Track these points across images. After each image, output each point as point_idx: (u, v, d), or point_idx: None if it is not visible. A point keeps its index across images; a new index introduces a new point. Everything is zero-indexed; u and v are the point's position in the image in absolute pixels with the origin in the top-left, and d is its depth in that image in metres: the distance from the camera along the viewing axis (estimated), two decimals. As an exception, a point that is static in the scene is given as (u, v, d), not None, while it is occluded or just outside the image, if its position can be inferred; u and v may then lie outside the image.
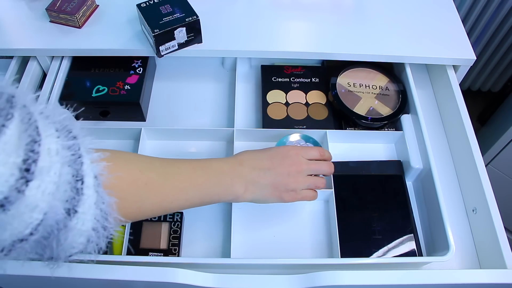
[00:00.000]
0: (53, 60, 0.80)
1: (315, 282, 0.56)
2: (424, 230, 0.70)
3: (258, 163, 0.60)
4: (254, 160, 0.60)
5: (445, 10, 0.86)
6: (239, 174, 0.58)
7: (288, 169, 0.60)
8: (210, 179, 0.56)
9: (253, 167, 0.59)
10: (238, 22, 0.81)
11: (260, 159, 0.60)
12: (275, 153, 0.62)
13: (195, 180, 0.55)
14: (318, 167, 0.63)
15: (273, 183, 0.60)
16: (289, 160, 0.61)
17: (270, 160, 0.60)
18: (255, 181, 0.59)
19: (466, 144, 0.71)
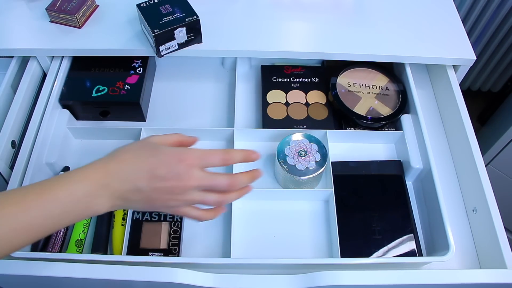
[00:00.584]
0: (53, 60, 0.80)
1: (315, 282, 0.56)
2: (424, 230, 0.70)
3: (133, 179, 0.48)
4: (129, 172, 0.48)
5: (445, 10, 0.86)
6: (104, 189, 0.47)
7: (171, 187, 0.48)
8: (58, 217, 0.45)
9: (125, 182, 0.47)
10: (238, 22, 0.81)
11: (138, 173, 0.48)
12: (160, 164, 0.48)
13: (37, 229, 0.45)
14: (212, 183, 0.50)
15: (148, 199, 0.49)
16: (175, 176, 0.48)
17: (150, 175, 0.48)
18: (124, 197, 0.48)
19: (466, 144, 0.71)
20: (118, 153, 0.49)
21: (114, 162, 0.48)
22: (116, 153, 0.49)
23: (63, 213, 0.46)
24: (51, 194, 0.45)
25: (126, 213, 0.67)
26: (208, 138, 0.77)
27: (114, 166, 0.48)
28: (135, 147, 0.50)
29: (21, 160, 0.68)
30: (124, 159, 0.48)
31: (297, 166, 0.68)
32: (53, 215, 0.45)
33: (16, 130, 0.73)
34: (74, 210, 0.46)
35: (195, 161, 0.49)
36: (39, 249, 0.64)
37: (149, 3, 0.73)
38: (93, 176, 0.47)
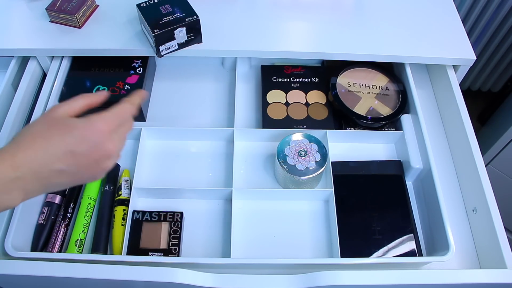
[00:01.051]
0: (53, 60, 0.80)
1: (315, 282, 0.56)
2: (424, 230, 0.70)
3: (50, 163, 0.44)
4: (45, 159, 0.44)
5: (445, 10, 0.86)
6: (13, 184, 0.42)
7: (97, 158, 0.46)
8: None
9: (40, 170, 0.43)
10: (238, 22, 0.81)
11: (56, 155, 0.44)
12: (78, 142, 0.45)
13: None
14: (126, 130, 0.51)
15: (72, 176, 0.46)
16: (97, 147, 0.46)
17: (70, 154, 0.44)
18: (42, 185, 0.45)
19: (466, 144, 0.71)
20: (25, 138, 0.44)
21: (22, 152, 0.43)
22: (21, 138, 0.44)
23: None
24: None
25: (126, 213, 0.67)
26: (208, 138, 0.77)
27: (23, 157, 0.43)
28: (43, 128, 0.45)
29: (21, 160, 0.68)
30: (34, 147, 0.43)
31: (297, 166, 0.68)
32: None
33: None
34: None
35: (110, 126, 0.47)
36: (39, 249, 0.64)
37: (149, 3, 0.73)
38: (1, 170, 0.42)
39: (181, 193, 0.70)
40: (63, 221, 0.66)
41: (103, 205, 0.69)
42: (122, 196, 0.68)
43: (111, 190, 0.70)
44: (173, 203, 0.71)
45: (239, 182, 0.72)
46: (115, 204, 0.68)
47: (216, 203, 0.71)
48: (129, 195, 0.68)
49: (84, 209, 0.67)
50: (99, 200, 0.70)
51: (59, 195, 0.68)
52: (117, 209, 0.67)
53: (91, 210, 0.68)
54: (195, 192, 0.70)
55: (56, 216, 0.67)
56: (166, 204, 0.70)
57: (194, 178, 0.73)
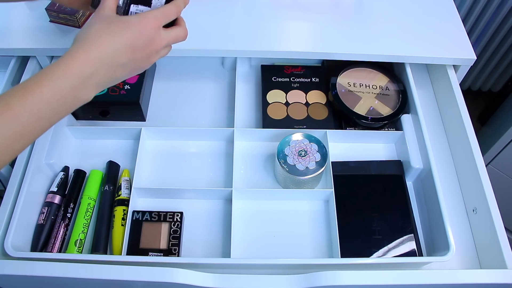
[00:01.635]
0: (53, 59, 0.80)
1: (315, 282, 0.56)
2: (424, 230, 0.70)
3: (117, 57, 0.49)
4: (113, 53, 0.48)
5: (445, 10, 0.86)
6: (90, 79, 0.47)
7: (150, 52, 0.52)
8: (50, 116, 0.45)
9: (111, 64, 0.48)
10: (238, 22, 0.81)
11: (121, 51, 0.49)
12: (136, 36, 0.49)
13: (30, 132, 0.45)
14: (175, 37, 0.55)
15: (130, 70, 0.52)
16: (150, 41, 0.51)
17: (131, 49, 0.49)
18: (110, 78, 0.50)
19: (466, 144, 0.71)
20: (92, 36, 0.48)
21: (93, 48, 0.47)
22: (89, 37, 0.48)
23: (53, 111, 0.45)
24: (36, 95, 0.44)
25: (126, 213, 0.67)
26: (208, 138, 0.77)
27: (95, 52, 0.47)
28: (104, 26, 0.49)
29: (21, 159, 0.68)
30: (103, 43, 0.48)
31: (297, 166, 0.68)
32: (43, 116, 0.45)
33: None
34: (62, 106, 0.46)
35: (159, 22, 0.52)
36: (39, 249, 0.64)
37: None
38: (76, 68, 0.46)
39: (181, 193, 0.70)
40: (63, 221, 0.66)
41: (103, 205, 0.68)
42: (122, 196, 0.68)
43: (111, 190, 0.70)
44: (173, 203, 0.70)
45: (239, 182, 0.72)
46: (115, 204, 0.68)
47: (216, 203, 0.71)
48: (129, 195, 0.68)
49: (84, 209, 0.67)
50: (99, 200, 0.70)
51: (58, 195, 0.68)
52: (117, 209, 0.67)
53: (91, 210, 0.68)
54: (195, 192, 0.70)
55: (56, 216, 0.67)
56: (166, 204, 0.70)
57: (194, 178, 0.73)
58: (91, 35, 0.48)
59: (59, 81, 0.45)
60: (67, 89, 0.45)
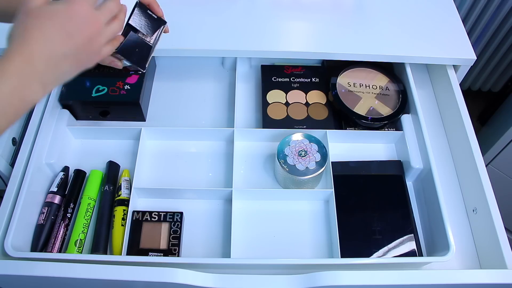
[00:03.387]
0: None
1: (315, 282, 0.56)
2: (424, 230, 0.70)
3: (54, 49, 0.46)
4: (48, 45, 0.46)
5: (445, 10, 0.86)
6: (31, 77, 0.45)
7: (89, 34, 0.49)
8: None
9: (49, 57, 0.46)
10: (238, 22, 0.81)
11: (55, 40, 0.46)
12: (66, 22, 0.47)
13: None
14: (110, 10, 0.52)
15: (75, 61, 0.49)
16: (84, 23, 0.49)
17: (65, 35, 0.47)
18: (55, 73, 0.48)
19: (466, 144, 0.71)
20: (21, 35, 0.46)
21: (27, 45, 0.45)
22: (18, 36, 0.46)
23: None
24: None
25: (126, 213, 0.67)
26: (208, 138, 0.77)
27: (29, 49, 0.45)
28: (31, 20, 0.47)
29: (21, 159, 0.68)
30: (35, 38, 0.46)
31: (297, 166, 0.68)
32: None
33: (17, 128, 0.73)
34: (9, 109, 0.44)
35: (88, 2, 0.49)
36: (39, 249, 0.64)
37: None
38: (15, 67, 0.44)
39: (181, 193, 0.70)
40: (63, 221, 0.66)
41: (103, 205, 0.68)
42: (122, 196, 0.68)
43: (111, 190, 0.70)
44: (173, 203, 0.70)
45: (239, 182, 0.72)
46: (115, 204, 0.68)
47: (216, 203, 0.71)
48: (129, 195, 0.68)
49: (84, 209, 0.67)
50: (99, 200, 0.70)
51: (58, 195, 0.68)
52: (117, 209, 0.67)
53: (91, 210, 0.68)
54: (195, 192, 0.70)
55: (56, 216, 0.67)
56: (166, 204, 0.70)
57: (194, 178, 0.73)
58: (21, 33, 0.46)
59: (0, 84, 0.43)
60: (8, 90, 0.43)
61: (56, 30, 0.47)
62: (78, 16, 0.48)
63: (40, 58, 0.45)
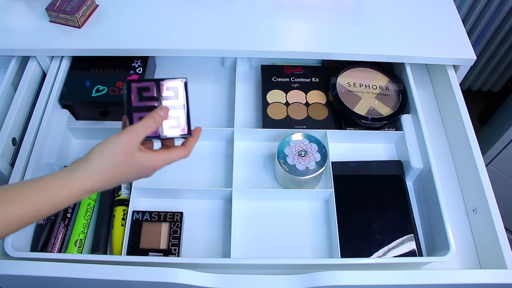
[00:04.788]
0: (53, 60, 0.80)
1: (315, 282, 0.56)
2: (424, 230, 0.70)
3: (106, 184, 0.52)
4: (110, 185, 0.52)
5: (445, 10, 0.86)
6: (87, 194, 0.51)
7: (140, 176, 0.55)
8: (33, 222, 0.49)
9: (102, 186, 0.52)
10: (238, 22, 0.81)
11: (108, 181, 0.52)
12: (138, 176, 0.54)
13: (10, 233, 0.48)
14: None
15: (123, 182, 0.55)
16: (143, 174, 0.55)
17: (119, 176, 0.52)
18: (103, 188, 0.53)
19: (466, 144, 0.71)
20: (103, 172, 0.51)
21: (100, 183, 0.51)
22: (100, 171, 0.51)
23: (37, 219, 0.49)
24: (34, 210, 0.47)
25: (126, 214, 0.67)
26: (208, 138, 0.77)
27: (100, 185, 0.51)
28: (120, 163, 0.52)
29: (21, 159, 0.68)
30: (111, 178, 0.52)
31: (297, 166, 0.68)
32: (27, 223, 0.48)
33: (17, 128, 0.73)
34: (60, 208, 0.50)
35: (163, 166, 0.55)
36: (39, 249, 0.64)
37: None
38: (77, 195, 0.50)
39: (181, 193, 0.70)
40: (63, 221, 0.66)
41: (103, 205, 0.68)
42: (122, 196, 0.68)
43: (111, 190, 0.70)
44: (173, 203, 0.70)
45: (239, 182, 0.72)
46: (115, 204, 0.68)
47: (216, 203, 0.71)
48: (129, 195, 0.68)
49: (84, 209, 0.67)
50: (99, 200, 0.70)
51: (59, 195, 0.68)
52: (117, 209, 0.67)
53: (91, 210, 0.68)
54: (195, 192, 0.70)
55: (56, 216, 0.67)
56: (166, 204, 0.70)
57: (194, 178, 0.73)
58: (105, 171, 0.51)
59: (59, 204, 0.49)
60: (62, 206, 0.49)
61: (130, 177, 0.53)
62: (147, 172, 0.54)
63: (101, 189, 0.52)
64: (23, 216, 0.47)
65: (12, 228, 0.47)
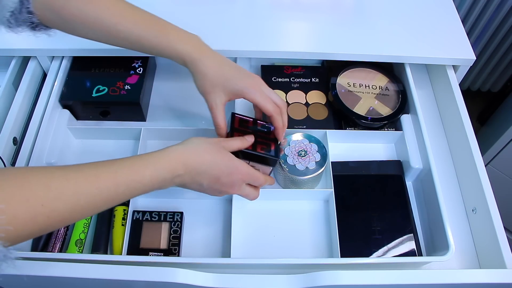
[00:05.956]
0: (53, 60, 0.80)
1: (315, 282, 0.56)
2: (424, 230, 0.70)
3: (202, 177, 0.56)
4: (201, 173, 0.56)
5: (445, 10, 0.86)
6: (176, 179, 0.55)
7: (224, 190, 0.60)
8: (136, 193, 0.52)
9: (195, 177, 0.56)
10: (238, 22, 0.81)
11: (208, 174, 0.57)
12: (226, 174, 0.58)
13: (117, 201, 0.50)
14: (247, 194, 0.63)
15: (201, 190, 0.59)
16: (230, 184, 0.59)
17: (215, 179, 0.57)
18: (187, 185, 0.58)
19: (466, 144, 0.71)
20: (199, 149, 0.56)
21: (193, 159, 0.55)
22: (196, 148, 0.56)
23: (142, 190, 0.52)
24: (138, 175, 0.51)
25: (126, 213, 0.67)
26: (208, 138, 0.77)
27: (192, 163, 0.55)
28: (213, 150, 0.57)
29: (22, 158, 0.68)
30: (203, 160, 0.56)
31: (297, 166, 0.68)
32: (134, 191, 0.51)
33: (18, 128, 0.73)
34: (149, 189, 0.52)
35: (246, 177, 0.60)
36: (39, 249, 0.64)
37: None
38: (173, 168, 0.54)
39: (181, 193, 0.70)
40: (63, 221, 0.66)
41: (103, 205, 0.69)
42: (122, 196, 0.68)
43: (111, 190, 0.70)
44: (173, 203, 0.71)
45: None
46: (115, 204, 0.68)
47: (216, 203, 0.71)
48: (129, 195, 0.68)
49: (84, 209, 0.67)
50: (99, 200, 0.70)
51: (59, 195, 0.68)
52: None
53: (91, 210, 0.68)
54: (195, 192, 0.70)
55: (56, 216, 0.67)
56: (166, 204, 0.71)
57: (194, 178, 0.73)
58: (199, 148, 0.56)
59: (158, 172, 0.52)
60: (160, 179, 0.53)
61: (216, 172, 0.57)
62: (232, 178, 0.58)
63: (192, 174, 0.55)
64: (130, 180, 0.50)
65: (119, 190, 0.49)
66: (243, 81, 0.63)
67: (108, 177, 0.48)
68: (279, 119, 0.64)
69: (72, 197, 0.45)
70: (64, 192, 0.44)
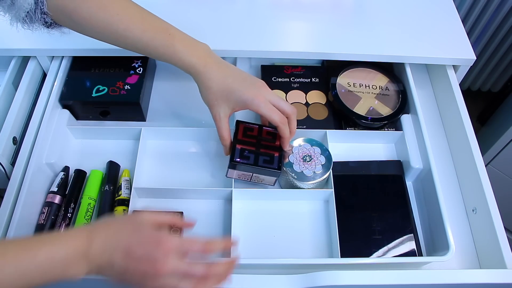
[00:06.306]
0: (53, 60, 0.80)
1: (315, 282, 0.56)
2: (424, 230, 0.70)
3: (110, 252, 0.47)
4: (107, 246, 0.47)
5: (445, 10, 0.86)
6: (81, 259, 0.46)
7: (144, 270, 0.47)
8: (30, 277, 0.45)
9: (103, 253, 0.47)
10: (238, 22, 0.81)
11: (115, 247, 0.47)
12: (137, 244, 0.47)
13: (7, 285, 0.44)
14: (188, 272, 0.48)
15: (120, 277, 0.48)
16: (150, 259, 0.47)
17: (126, 253, 0.47)
18: (100, 269, 0.48)
19: (466, 144, 0.71)
20: (103, 224, 0.49)
21: (96, 232, 0.48)
22: (100, 224, 0.50)
23: (38, 273, 0.45)
24: (30, 253, 0.44)
25: (126, 213, 0.67)
26: (208, 138, 0.77)
27: (96, 236, 0.47)
28: (120, 222, 0.50)
29: (21, 158, 0.68)
30: (107, 232, 0.48)
31: (304, 172, 0.68)
32: (28, 274, 0.44)
33: (18, 127, 0.73)
34: (49, 272, 0.45)
35: (173, 248, 0.48)
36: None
37: None
38: (74, 242, 0.46)
39: (181, 193, 0.70)
40: (63, 221, 0.66)
41: (103, 205, 0.69)
42: (122, 196, 0.68)
43: (111, 190, 0.70)
44: (173, 203, 0.71)
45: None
46: (115, 204, 0.68)
47: (216, 203, 0.71)
48: (129, 195, 0.68)
49: (84, 209, 0.67)
50: (99, 200, 0.70)
51: (59, 195, 0.68)
52: (117, 209, 0.67)
53: (91, 210, 0.68)
54: (195, 192, 0.70)
55: (56, 216, 0.67)
56: (166, 204, 0.70)
57: (194, 178, 0.73)
58: (103, 223, 0.50)
59: (54, 249, 0.45)
60: (59, 257, 0.45)
61: (123, 243, 0.47)
62: (150, 250, 0.47)
63: (98, 249, 0.47)
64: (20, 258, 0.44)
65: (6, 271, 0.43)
66: (248, 93, 0.63)
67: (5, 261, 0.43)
68: (284, 129, 0.64)
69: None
70: None
